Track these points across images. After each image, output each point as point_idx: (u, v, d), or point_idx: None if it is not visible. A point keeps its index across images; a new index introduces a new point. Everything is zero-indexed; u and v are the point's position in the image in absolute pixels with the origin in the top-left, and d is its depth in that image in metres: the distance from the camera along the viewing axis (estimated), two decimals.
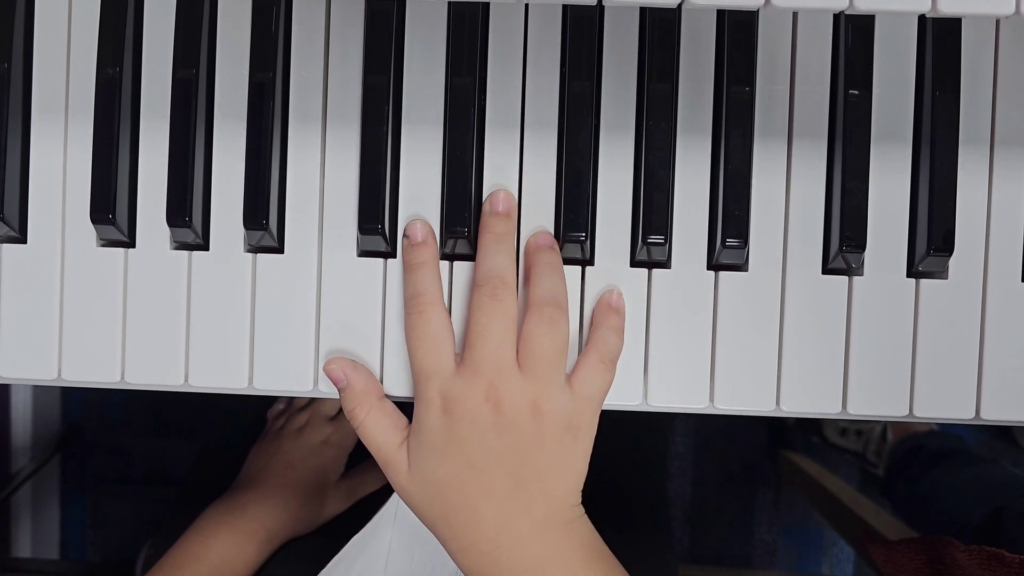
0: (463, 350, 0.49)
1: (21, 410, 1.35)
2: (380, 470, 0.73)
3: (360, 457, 0.78)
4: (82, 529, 1.46)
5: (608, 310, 0.50)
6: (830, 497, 1.20)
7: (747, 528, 1.48)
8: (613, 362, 0.50)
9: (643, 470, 0.82)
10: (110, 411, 1.45)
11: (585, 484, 0.51)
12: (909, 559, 0.80)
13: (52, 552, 1.44)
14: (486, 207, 0.51)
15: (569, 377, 0.50)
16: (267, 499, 0.70)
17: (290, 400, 0.80)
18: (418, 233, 0.50)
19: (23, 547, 1.39)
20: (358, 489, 0.75)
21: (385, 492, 0.75)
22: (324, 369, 0.51)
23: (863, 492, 1.30)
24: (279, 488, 0.71)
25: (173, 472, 1.44)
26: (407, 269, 0.51)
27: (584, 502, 0.51)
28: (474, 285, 0.49)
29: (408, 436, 0.50)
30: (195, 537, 0.67)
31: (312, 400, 0.78)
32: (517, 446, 0.48)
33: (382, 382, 0.52)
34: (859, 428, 1.39)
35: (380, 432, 0.51)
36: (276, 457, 0.73)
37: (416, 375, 0.50)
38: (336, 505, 0.74)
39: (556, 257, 0.50)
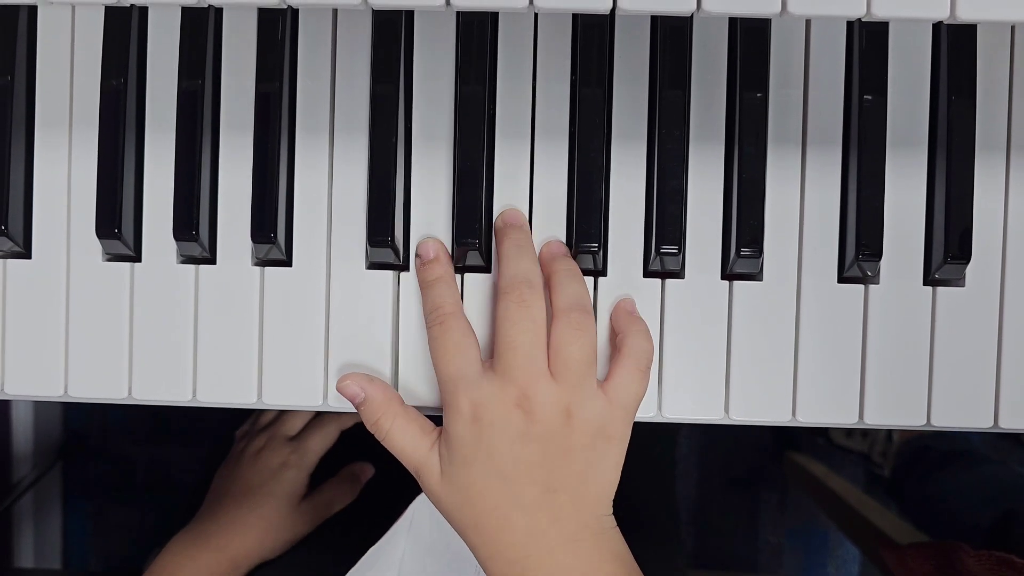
0: (491, 358, 0.49)
1: (23, 418, 1.35)
2: (344, 490, 0.74)
3: (322, 476, 0.76)
4: (85, 538, 1.45)
5: (630, 317, 0.50)
6: (836, 499, 1.20)
7: (752, 531, 1.48)
8: (648, 368, 0.49)
9: (651, 475, 0.81)
10: (112, 419, 1.44)
11: None
12: (920, 563, 0.80)
13: (55, 561, 1.44)
14: (499, 222, 0.50)
15: (603, 384, 0.49)
16: (228, 527, 0.68)
17: (255, 420, 0.78)
18: (430, 251, 0.50)
19: (26, 557, 1.38)
20: (322, 510, 0.73)
21: (352, 511, 0.74)
22: (338, 388, 0.50)
23: (869, 494, 1.29)
24: (240, 515, 0.69)
25: (176, 479, 1.44)
26: (423, 287, 0.50)
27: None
28: (499, 293, 0.49)
29: (438, 442, 0.49)
30: (158, 572, 0.66)
31: (274, 421, 0.76)
32: (548, 454, 0.48)
33: None
34: (865, 429, 1.39)
35: (408, 440, 0.49)
36: (236, 483, 0.72)
37: (443, 384, 0.49)
38: (301, 527, 0.72)
39: (573, 263, 0.50)
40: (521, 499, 0.48)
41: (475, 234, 0.50)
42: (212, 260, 0.51)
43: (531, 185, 0.51)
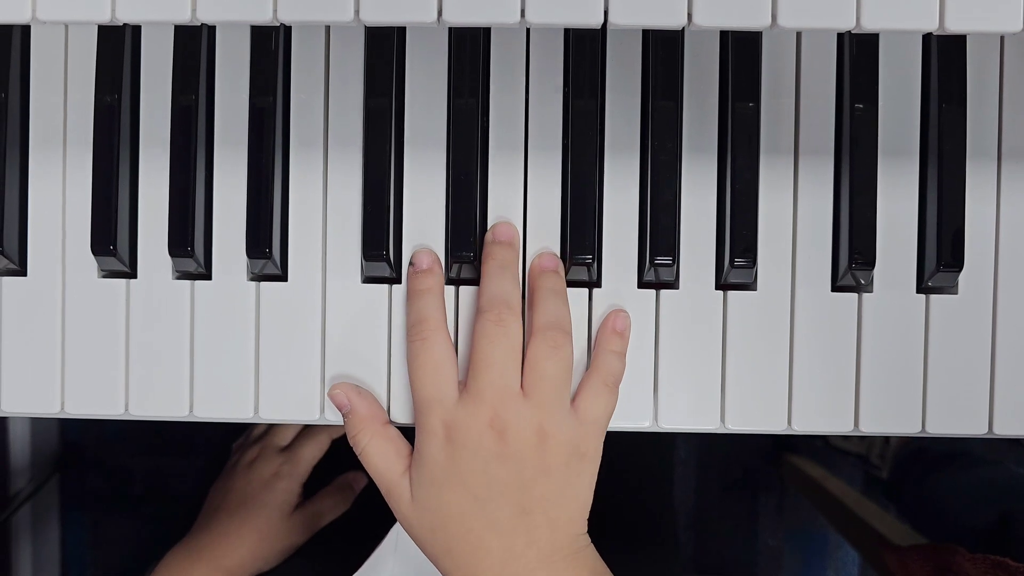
0: (467, 377, 0.49)
1: (19, 430, 1.34)
2: (338, 499, 0.74)
3: (317, 485, 0.76)
4: (83, 550, 1.45)
5: (611, 334, 0.50)
6: (835, 501, 1.20)
7: (751, 534, 1.48)
8: (616, 385, 0.50)
9: (649, 480, 0.82)
10: (109, 431, 1.44)
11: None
12: (919, 565, 0.80)
13: (53, 574, 1.43)
14: (488, 237, 0.50)
15: (573, 401, 0.49)
16: (222, 539, 0.69)
17: (249, 432, 0.78)
18: (424, 260, 0.50)
19: (24, 570, 1.38)
20: (316, 519, 0.73)
21: (347, 520, 0.74)
22: (328, 394, 0.50)
23: (867, 496, 1.29)
24: (234, 527, 0.69)
25: (174, 491, 1.43)
26: (410, 296, 0.50)
27: (588, 517, 0.51)
28: (478, 311, 0.49)
29: (410, 465, 0.50)
30: None
31: (266, 432, 0.77)
32: (522, 475, 0.48)
33: (388, 410, 0.51)
34: None
35: (383, 459, 0.50)
36: (229, 495, 0.72)
37: (418, 403, 0.49)
38: (295, 537, 0.72)
39: (559, 281, 0.50)
40: (496, 522, 0.48)
41: (469, 247, 0.50)
42: (208, 276, 0.51)
43: (525, 197, 0.51)
